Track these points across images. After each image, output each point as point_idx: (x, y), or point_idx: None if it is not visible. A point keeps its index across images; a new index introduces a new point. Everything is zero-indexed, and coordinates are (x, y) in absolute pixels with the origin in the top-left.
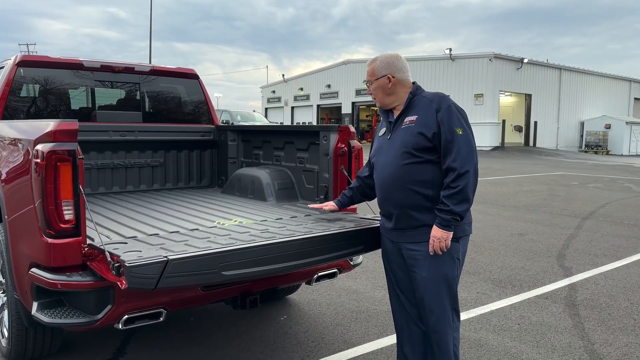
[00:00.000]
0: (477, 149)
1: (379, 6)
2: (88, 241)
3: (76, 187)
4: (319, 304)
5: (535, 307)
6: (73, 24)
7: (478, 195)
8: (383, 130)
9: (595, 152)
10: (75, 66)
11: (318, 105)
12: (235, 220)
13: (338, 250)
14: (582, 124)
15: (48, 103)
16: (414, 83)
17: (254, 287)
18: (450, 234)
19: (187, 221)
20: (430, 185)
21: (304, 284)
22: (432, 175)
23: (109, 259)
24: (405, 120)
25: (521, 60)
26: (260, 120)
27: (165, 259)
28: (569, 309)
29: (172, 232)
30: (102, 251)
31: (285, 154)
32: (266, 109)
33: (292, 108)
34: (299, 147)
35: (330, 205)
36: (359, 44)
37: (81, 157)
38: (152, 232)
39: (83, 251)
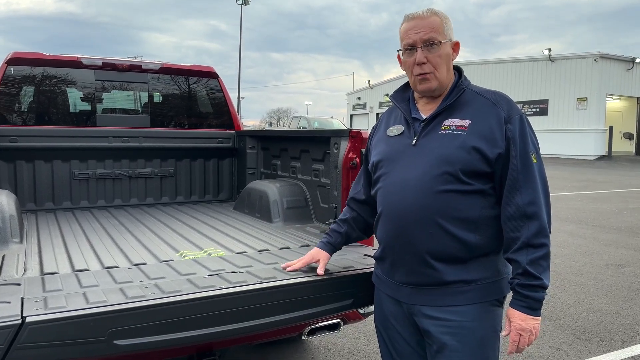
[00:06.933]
0: (580, 157)
1: (477, 7)
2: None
3: None
4: (339, 351)
5: None
6: (179, 37)
7: (570, 213)
8: (399, 129)
9: None
10: (72, 64)
11: None
12: (205, 251)
13: (309, 306)
14: None
15: (42, 105)
16: (456, 68)
17: (215, 344)
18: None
19: (149, 250)
20: (473, 228)
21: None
22: (479, 212)
23: None
24: (446, 123)
25: (632, 60)
26: (338, 126)
27: (18, 321)
28: None
29: (106, 268)
30: None
31: (302, 165)
32: (351, 115)
33: (377, 114)
34: (315, 157)
35: (323, 263)
36: None
37: None
38: (81, 267)
39: None
